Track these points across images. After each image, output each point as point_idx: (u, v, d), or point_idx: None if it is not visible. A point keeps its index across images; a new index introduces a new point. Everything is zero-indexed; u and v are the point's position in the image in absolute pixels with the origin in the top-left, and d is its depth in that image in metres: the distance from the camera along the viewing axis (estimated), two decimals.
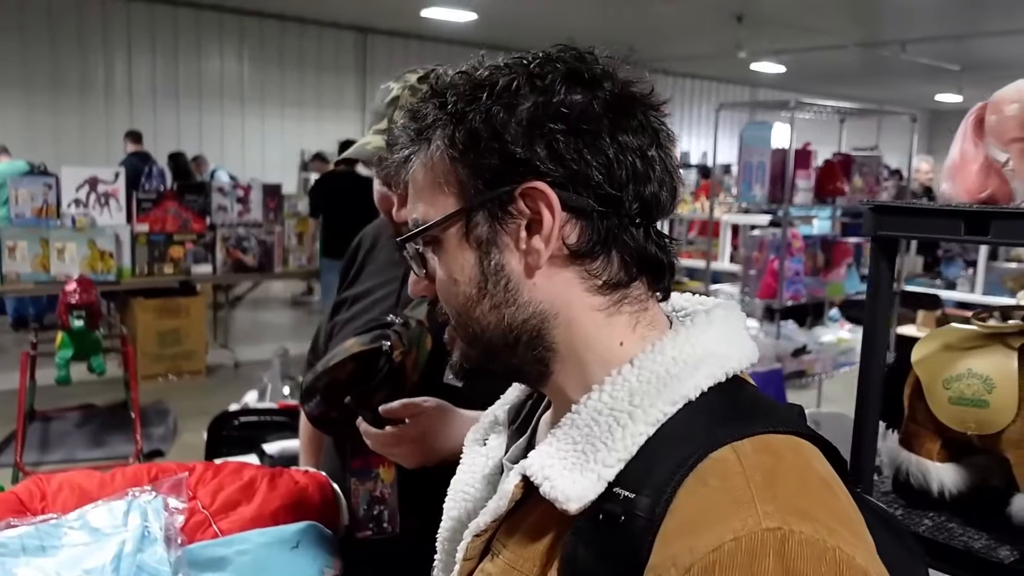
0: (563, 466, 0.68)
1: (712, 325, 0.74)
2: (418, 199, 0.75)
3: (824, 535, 0.58)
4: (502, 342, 0.74)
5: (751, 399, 0.71)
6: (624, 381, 0.70)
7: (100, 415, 5.29)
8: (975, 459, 1.09)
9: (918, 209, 1.06)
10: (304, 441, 1.63)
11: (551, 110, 0.69)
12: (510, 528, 0.74)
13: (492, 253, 0.72)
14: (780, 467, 0.63)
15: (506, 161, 0.69)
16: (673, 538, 0.60)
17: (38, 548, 1.09)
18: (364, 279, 1.53)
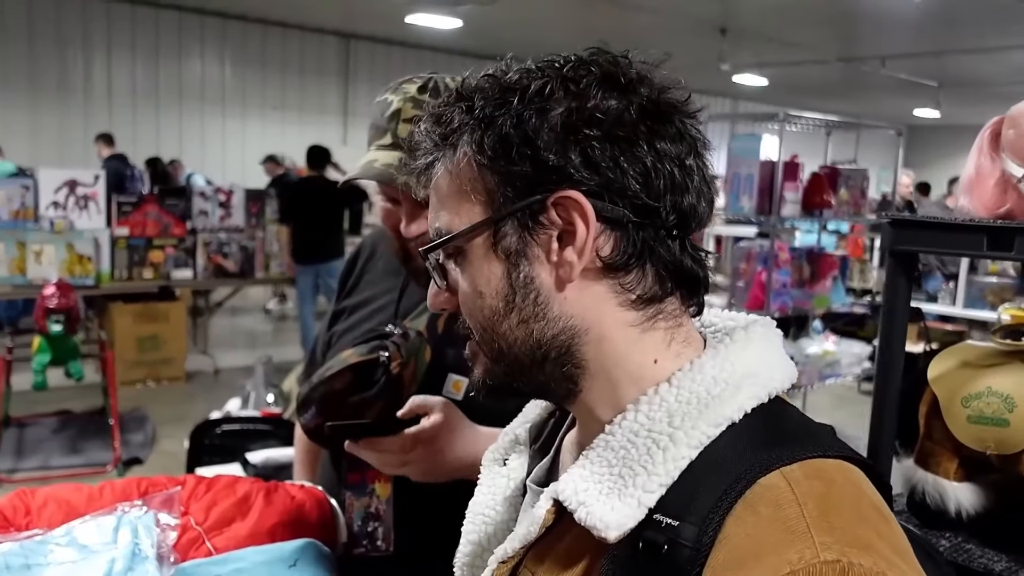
0: (599, 491, 0.65)
1: (752, 343, 0.71)
2: (442, 207, 0.72)
3: (884, 568, 0.55)
4: (529, 359, 0.70)
5: (795, 420, 0.68)
6: (662, 401, 0.67)
7: (77, 421, 5.21)
8: (993, 478, 1.07)
9: (939, 224, 1.04)
10: (299, 454, 1.59)
11: (586, 115, 0.66)
12: (539, 555, 0.70)
13: (521, 265, 0.68)
14: (833, 494, 0.60)
15: (538, 168, 0.66)
16: (723, 570, 0.57)
17: (23, 567, 1.04)
18: (363, 288, 1.49)
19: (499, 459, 0.87)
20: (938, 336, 5.98)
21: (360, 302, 1.47)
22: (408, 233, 1.26)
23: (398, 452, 1.13)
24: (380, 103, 1.28)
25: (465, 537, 0.84)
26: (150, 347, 6.34)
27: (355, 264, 1.54)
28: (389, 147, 1.24)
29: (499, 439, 0.88)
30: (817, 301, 4.58)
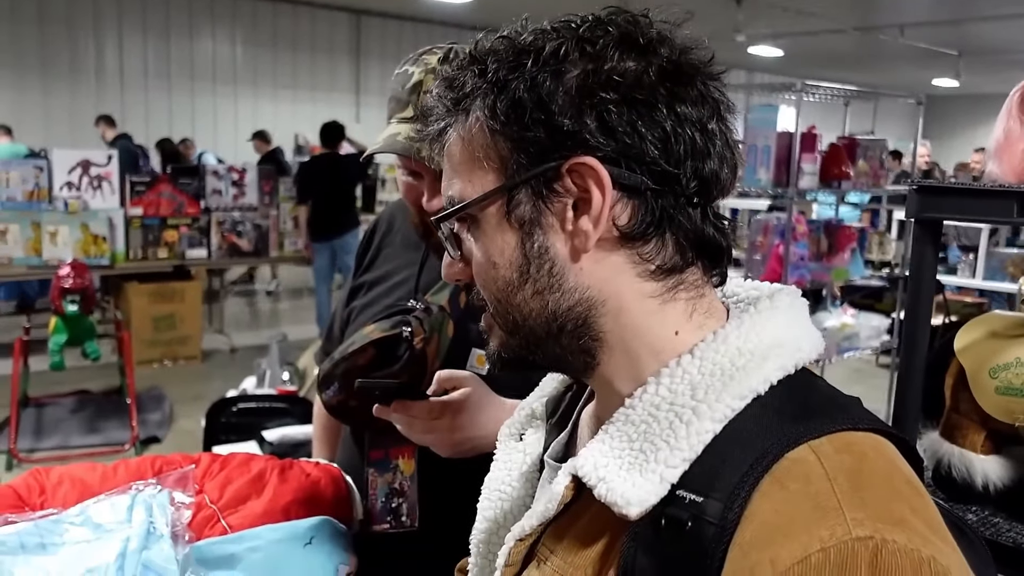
0: (619, 466, 0.63)
1: (777, 312, 0.68)
2: (454, 175, 0.69)
3: (919, 544, 0.53)
4: (545, 331, 0.68)
5: (824, 392, 0.65)
6: (684, 373, 0.64)
7: (95, 401, 5.24)
8: (1021, 451, 1.04)
9: (967, 190, 1.01)
10: (317, 431, 1.58)
11: (602, 78, 0.62)
12: (558, 532, 0.68)
13: (535, 234, 0.66)
14: (865, 468, 0.57)
15: (553, 134, 0.63)
16: (751, 548, 0.55)
17: (38, 546, 1.04)
18: (381, 263, 1.47)
19: (515, 434, 0.85)
20: (957, 308, 5.92)
21: (379, 277, 1.45)
22: (430, 207, 1.23)
23: (426, 418, 1.11)
24: (401, 75, 1.25)
25: (481, 514, 0.82)
26: (166, 326, 6.36)
27: (372, 239, 1.52)
28: (411, 120, 1.21)
29: (515, 414, 0.86)
30: (835, 274, 4.53)
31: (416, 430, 1.13)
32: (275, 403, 3.47)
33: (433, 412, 1.12)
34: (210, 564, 1.06)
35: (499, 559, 0.73)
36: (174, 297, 6.42)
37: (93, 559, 1.02)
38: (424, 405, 1.12)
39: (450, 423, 1.12)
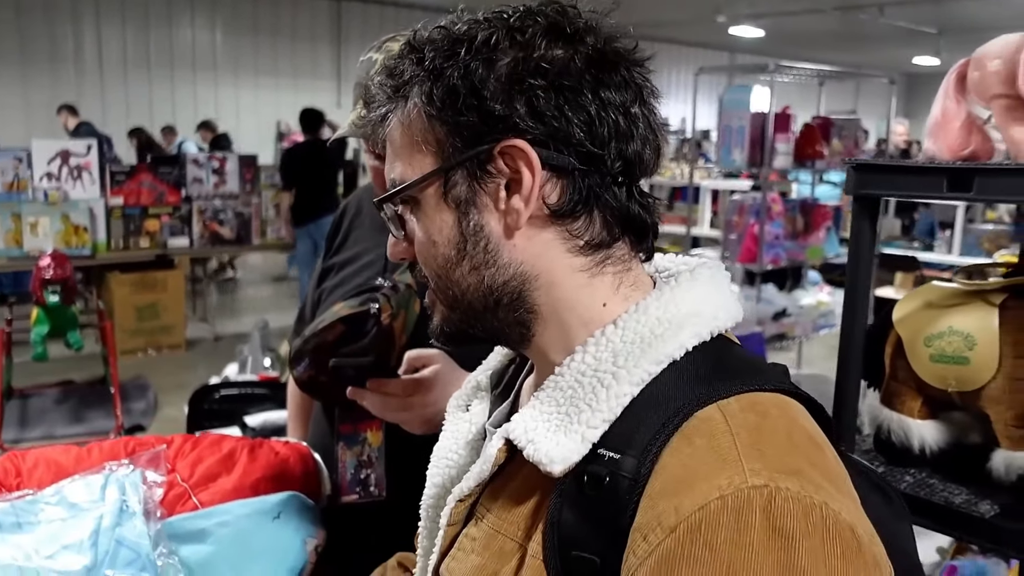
0: (547, 428, 0.68)
1: (696, 284, 0.73)
2: (396, 158, 0.73)
3: (811, 492, 0.58)
4: (482, 305, 0.72)
5: (737, 358, 0.70)
6: (608, 342, 0.69)
7: (79, 391, 5.24)
8: (955, 416, 1.09)
9: (900, 167, 1.05)
10: (292, 411, 1.62)
11: (531, 65, 0.67)
12: (494, 492, 0.73)
13: (471, 213, 0.70)
14: (766, 424, 0.62)
15: (485, 119, 0.67)
16: (659, 498, 0.60)
17: (14, 525, 1.08)
18: (350, 245, 1.51)
19: (462, 405, 0.90)
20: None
21: (348, 259, 1.49)
22: None
23: (400, 395, 1.15)
24: (365, 62, 1.29)
25: (429, 480, 0.87)
26: (149, 316, 6.37)
27: (341, 222, 1.56)
28: None
29: (463, 386, 0.90)
30: (810, 252, 4.59)
31: (391, 409, 1.17)
32: (257, 389, 3.51)
33: (407, 389, 1.16)
34: (181, 539, 1.10)
35: (442, 519, 0.77)
36: (157, 286, 6.42)
37: (68, 536, 1.05)
38: (398, 383, 1.16)
39: (423, 400, 1.16)
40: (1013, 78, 0.99)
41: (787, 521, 0.56)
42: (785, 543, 0.55)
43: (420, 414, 1.16)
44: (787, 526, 0.56)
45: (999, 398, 0.99)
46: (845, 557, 0.56)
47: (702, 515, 0.57)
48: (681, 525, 0.57)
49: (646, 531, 0.59)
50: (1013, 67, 1.00)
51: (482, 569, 0.70)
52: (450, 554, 0.75)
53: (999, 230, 6.06)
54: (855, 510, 0.60)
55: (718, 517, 0.56)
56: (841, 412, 1.09)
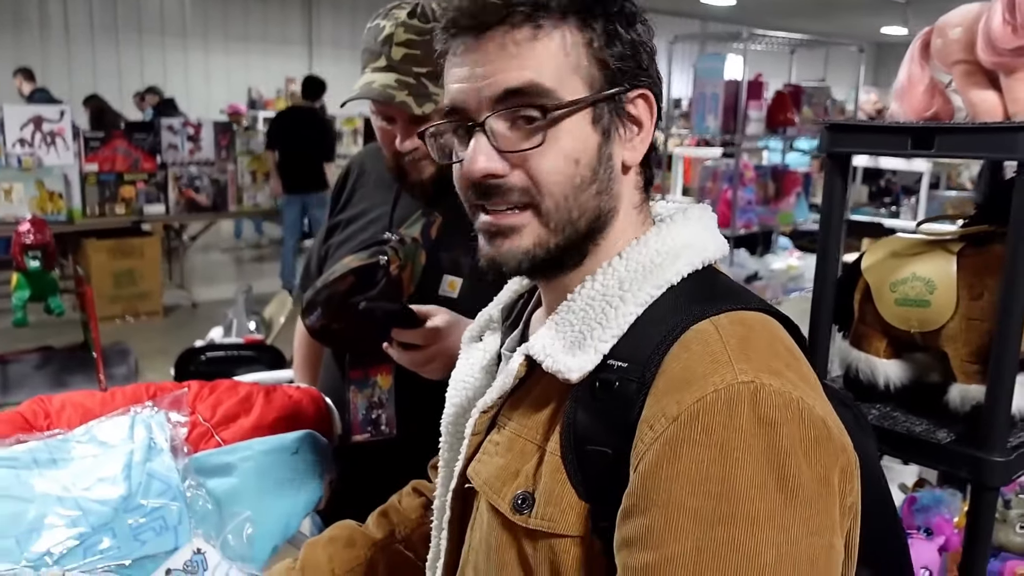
0: (563, 345, 0.78)
1: (689, 221, 0.84)
2: (543, 68, 0.76)
3: (789, 388, 0.69)
4: (587, 228, 0.80)
5: (725, 283, 0.82)
6: (614, 271, 0.80)
7: (59, 357, 5.23)
8: (917, 355, 1.19)
9: (868, 127, 1.15)
10: (299, 360, 1.70)
11: (650, 33, 0.81)
12: (514, 404, 0.83)
13: (608, 143, 0.80)
14: (752, 335, 0.73)
15: (634, 66, 0.79)
16: (663, 394, 0.70)
17: (49, 461, 1.15)
18: (356, 202, 1.58)
19: (476, 336, 0.99)
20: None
21: (354, 215, 1.56)
22: (403, 148, 1.35)
23: (423, 345, 1.23)
24: (372, 28, 1.35)
25: (449, 401, 0.96)
26: (126, 282, 6.37)
27: (346, 182, 1.63)
28: (384, 69, 1.32)
29: (476, 320, 1.00)
30: (781, 218, 4.71)
31: (418, 360, 1.25)
32: (243, 351, 3.56)
33: (428, 338, 1.24)
34: (207, 472, 1.18)
35: (467, 429, 0.87)
36: (133, 253, 6.41)
37: (102, 471, 1.13)
38: (420, 332, 1.24)
39: (441, 347, 1.25)
40: (972, 45, 1.08)
41: (770, 410, 0.67)
42: (768, 428, 0.66)
43: (440, 363, 1.25)
44: (770, 414, 0.67)
45: (956, 336, 1.10)
46: (818, 441, 0.68)
47: (700, 406, 0.67)
48: (682, 415, 0.68)
49: (652, 421, 0.69)
50: (972, 35, 1.09)
51: (505, 468, 0.80)
52: (476, 458, 0.85)
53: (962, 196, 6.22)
54: (825, 406, 0.72)
55: (713, 407, 0.67)
56: (815, 352, 1.19)
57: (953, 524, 1.39)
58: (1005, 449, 1.03)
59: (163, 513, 1.11)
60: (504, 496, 0.79)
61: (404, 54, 1.31)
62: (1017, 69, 1.04)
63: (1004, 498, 1.38)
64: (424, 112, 1.30)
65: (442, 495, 0.94)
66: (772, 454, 0.66)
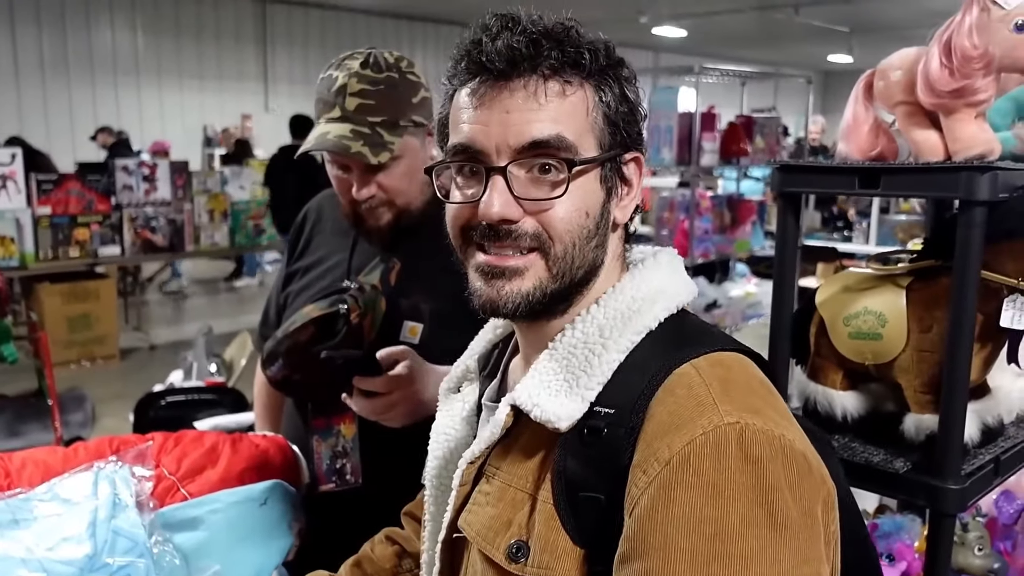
0: (548, 393, 0.80)
1: (660, 266, 0.88)
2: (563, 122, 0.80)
3: (771, 426, 0.72)
4: (582, 278, 0.84)
5: (698, 326, 0.86)
6: (592, 319, 0.83)
7: (12, 405, 5.12)
8: (872, 386, 1.23)
9: (818, 167, 1.19)
10: (259, 409, 1.69)
11: (639, 97, 0.86)
12: (501, 453, 0.85)
13: (608, 200, 0.84)
14: (731, 376, 0.77)
15: (633, 128, 0.84)
16: (653, 439, 0.73)
17: (11, 522, 1.13)
18: (314, 250, 1.59)
19: (453, 388, 1.01)
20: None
21: (312, 263, 1.57)
22: (359, 196, 1.37)
23: (384, 394, 1.24)
24: (325, 79, 1.37)
25: (431, 454, 0.97)
26: (81, 326, 6.26)
27: (303, 229, 1.64)
28: (339, 120, 1.34)
29: (452, 371, 1.02)
30: (738, 246, 4.80)
31: (378, 410, 1.26)
32: (204, 395, 3.52)
33: (388, 385, 1.25)
34: (175, 527, 1.17)
35: (454, 481, 0.89)
36: (88, 296, 6.31)
37: (66, 529, 1.11)
38: (381, 380, 1.25)
39: (404, 395, 1.25)
40: (913, 87, 1.13)
41: (756, 449, 0.70)
42: (755, 466, 0.70)
43: (402, 411, 1.26)
44: (756, 453, 0.70)
45: (908, 368, 1.13)
46: (801, 475, 0.72)
47: (690, 448, 0.70)
48: (674, 458, 0.70)
49: (645, 466, 0.72)
50: (912, 77, 1.13)
51: (497, 518, 0.82)
52: (466, 509, 0.86)
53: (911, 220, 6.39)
54: (803, 439, 0.75)
55: (703, 449, 0.70)
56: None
57: (914, 549, 1.42)
58: (959, 476, 1.07)
59: (130, 571, 1.09)
60: (498, 546, 0.80)
61: (358, 104, 1.33)
62: (956, 110, 1.08)
63: (962, 521, 1.42)
64: (380, 161, 1.32)
65: (430, 547, 0.95)
66: (760, 491, 0.69)
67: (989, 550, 1.39)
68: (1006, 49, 1.02)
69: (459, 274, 0.88)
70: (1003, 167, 1.01)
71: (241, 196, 6.70)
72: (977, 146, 1.05)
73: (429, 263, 1.39)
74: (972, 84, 1.03)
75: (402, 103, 1.37)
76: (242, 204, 6.68)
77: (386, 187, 1.37)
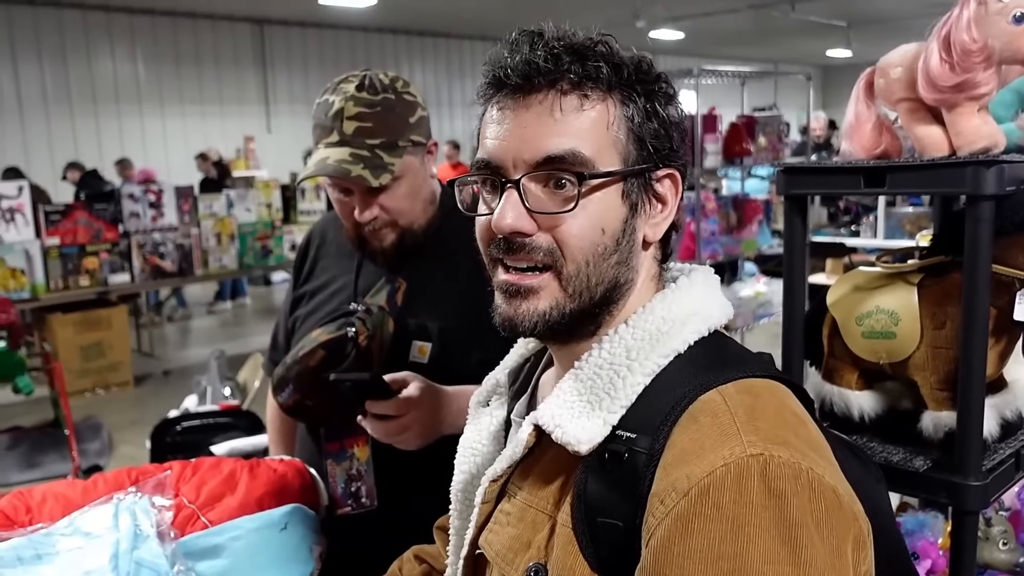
0: (571, 415, 0.78)
1: (693, 287, 0.85)
2: (582, 136, 0.79)
3: (798, 459, 0.69)
4: (602, 296, 0.82)
5: (732, 350, 0.82)
6: (620, 339, 0.81)
7: (30, 436, 5.13)
8: (888, 385, 1.22)
9: (823, 168, 1.19)
10: (273, 434, 1.69)
11: (681, 115, 0.83)
12: (523, 472, 0.84)
13: (634, 217, 0.82)
14: (759, 404, 0.73)
15: (665, 145, 0.81)
16: (672, 468, 0.70)
17: (34, 557, 1.14)
18: (319, 273, 1.59)
19: (483, 401, 1.00)
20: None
21: (319, 286, 1.57)
22: (362, 219, 1.37)
23: (397, 416, 1.23)
24: (322, 104, 1.37)
25: (458, 468, 0.97)
26: (94, 355, 6.29)
27: (307, 252, 1.64)
28: (337, 144, 1.34)
29: (483, 385, 1.00)
30: (745, 246, 4.79)
31: (391, 433, 1.25)
32: (219, 418, 3.53)
33: (401, 408, 1.24)
34: (196, 556, 1.17)
35: (477, 498, 0.88)
36: (100, 325, 6.34)
37: (89, 563, 1.12)
38: (393, 402, 1.24)
39: (416, 416, 1.25)
40: (913, 84, 1.13)
41: (780, 483, 0.67)
42: (779, 501, 0.67)
43: (415, 432, 1.25)
44: (780, 487, 0.67)
45: (923, 365, 1.13)
46: (829, 511, 0.68)
47: (710, 480, 0.68)
48: (693, 489, 0.68)
49: (663, 496, 0.69)
50: (913, 74, 1.13)
51: (517, 539, 0.80)
52: (487, 528, 0.85)
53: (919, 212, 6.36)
54: (835, 474, 0.72)
55: (723, 481, 0.67)
56: None
57: (938, 547, 1.41)
58: (981, 473, 1.06)
59: None
60: (517, 568, 0.79)
61: (356, 127, 1.34)
62: (958, 104, 1.08)
63: (985, 516, 1.41)
64: (381, 183, 1.32)
65: (453, 563, 0.94)
66: (783, 527, 0.66)
67: (1014, 544, 1.38)
68: (1005, 41, 1.01)
69: (464, 292, 0.89)
70: (1009, 160, 1.01)
71: (247, 218, 6.75)
72: (981, 140, 1.04)
73: (434, 282, 1.39)
74: (973, 78, 1.03)
75: (400, 123, 1.37)
76: (249, 226, 6.72)
77: (388, 208, 1.38)
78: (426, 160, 1.43)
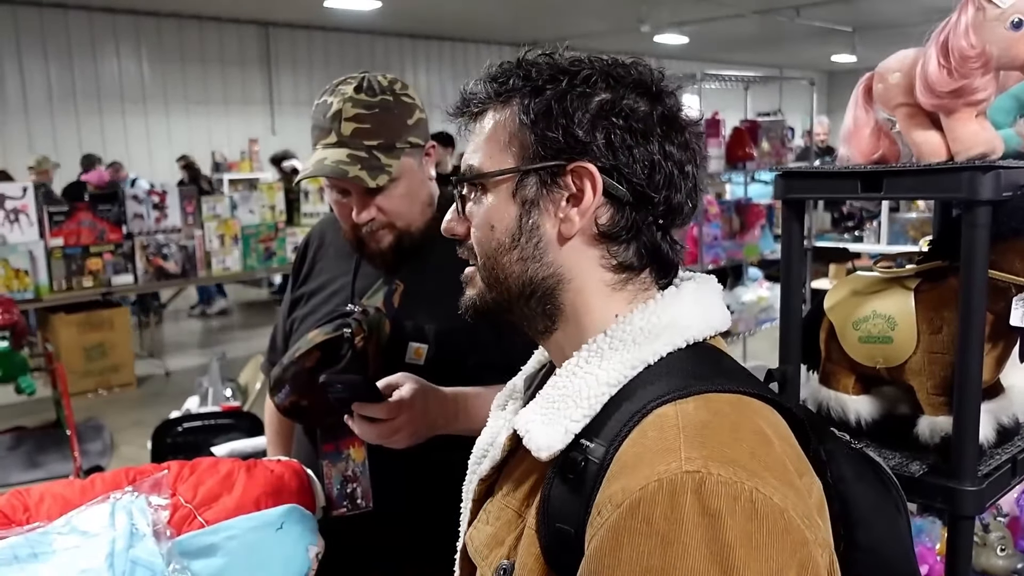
0: (541, 421, 0.79)
1: (679, 298, 0.83)
2: (479, 149, 0.85)
3: (742, 478, 0.66)
4: (519, 292, 0.84)
5: (709, 364, 0.80)
6: (597, 347, 0.81)
7: (32, 436, 5.16)
8: (884, 390, 1.22)
9: (821, 173, 1.19)
10: (271, 435, 1.69)
11: (616, 107, 0.80)
12: (507, 473, 0.87)
13: (532, 213, 0.82)
14: (715, 421, 0.72)
15: (568, 138, 0.80)
16: (613, 480, 0.70)
17: (30, 556, 1.14)
18: (317, 275, 1.59)
19: (501, 404, 1.01)
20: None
21: (317, 288, 1.57)
22: (359, 220, 1.37)
23: (387, 419, 1.23)
24: (320, 106, 1.38)
25: (470, 467, 0.98)
26: (97, 356, 6.30)
27: (306, 254, 1.64)
28: (335, 145, 1.35)
29: (505, 387, 1.02)
30: (748, 250, 4.79)
31: (382, 435, 1.25)
32: (220, 420, 3.53)
33: (391, 411, 1.24)
34: (192, 555, 1.17)
35: (469, 495, 0.91)
36: (103, 325, 6.35)
37: (85, 561, 1.12)
38: (383, 406, 1.24)
39: (407, 419, 1.25)
40: (912, 89, 1.13)
41: (715, 502, 0.65)
42: (712, 521, 0.64)
43: (407, 433, 1.25)
44: (715, 506, 0.65)
45: (920, 370, 1.13)
46: (771, 534, 0.65)
47: (642, 494, 0.67)
48: (626, 503, 0.67)
49: (600, 507, 0.70)
50: (911, 79, 1.13)
51: (494, 536, 0.83)
52: (472, 524, 0.88)
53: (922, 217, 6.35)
54: (791, 496, 0.68)
55: (655, 496, 0.66)
56: (785, 395, 1.22)
57: (935, 552, 1.41)
58: (977, 478, 1.06)
59: None
60: (490, 564, 0.81)
61: (354, 128, 1.34)
62: (956, 110, 1.08)
63: (983, 522, 1.41)
64: (378, 184, 1.33)
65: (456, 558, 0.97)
66: (715, 547, 0.64)
67: (1012, 550, 1.38)
68: (1003, 47, 1.01)
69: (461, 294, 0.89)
70: (1006, 166, 1.01)
71: (251, 220, 6.75)
72: (979, 145, 1.04)
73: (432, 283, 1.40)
74: (971, 84, 1.03)
75: (398, 125, 1.38)
76: (252, 228, 6.73)
77: (386, 210, 1.38)
78: (424, 162, 1.44)
